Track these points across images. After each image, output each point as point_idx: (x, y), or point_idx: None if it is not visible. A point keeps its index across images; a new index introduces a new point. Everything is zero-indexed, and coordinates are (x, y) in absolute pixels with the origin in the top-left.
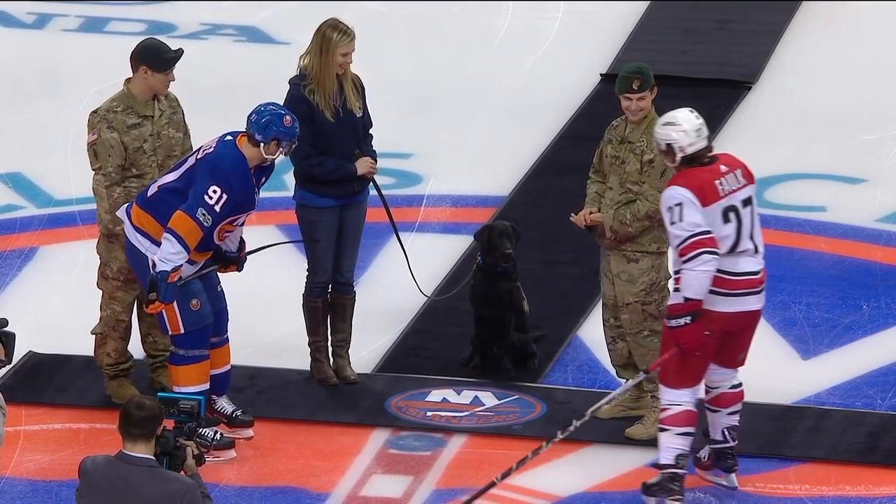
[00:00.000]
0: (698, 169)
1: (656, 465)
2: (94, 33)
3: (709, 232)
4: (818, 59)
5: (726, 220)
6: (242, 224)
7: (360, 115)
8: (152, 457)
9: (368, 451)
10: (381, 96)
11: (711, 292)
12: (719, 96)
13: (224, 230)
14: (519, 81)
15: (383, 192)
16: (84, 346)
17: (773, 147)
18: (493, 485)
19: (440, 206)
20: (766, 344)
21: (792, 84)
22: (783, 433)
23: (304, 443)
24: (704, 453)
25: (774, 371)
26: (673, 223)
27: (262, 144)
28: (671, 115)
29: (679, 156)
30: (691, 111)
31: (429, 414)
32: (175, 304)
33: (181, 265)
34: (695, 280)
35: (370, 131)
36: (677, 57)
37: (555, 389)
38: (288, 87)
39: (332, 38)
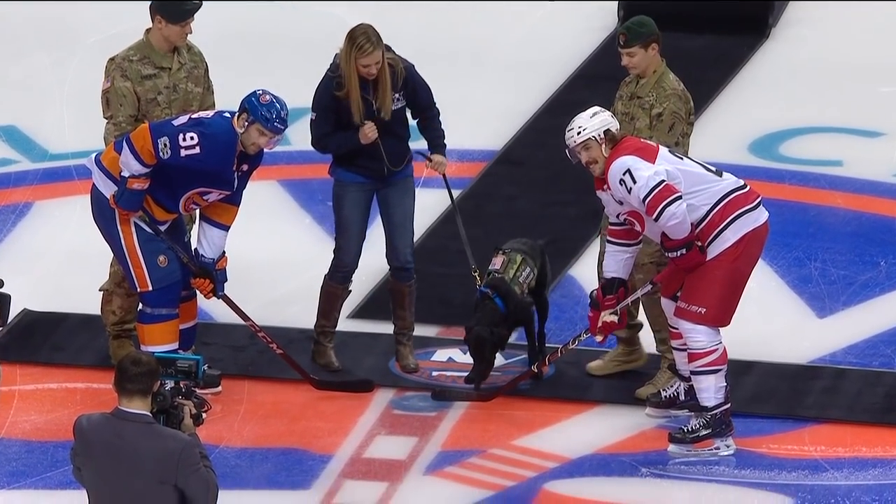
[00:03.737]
0: (621, 142)
1: (697, 408)
2: None
3: (662, 181)
4: (835, 9)
5: (678, 157)
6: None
7: (398, 106)
8: (149, 413)
9: (372, 411)
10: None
11: (746, 212)
12: (735, 41)
13: (192, 200)
14: (526, 35)
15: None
16: (80, 303)
17: (788, 100)
18: (533, 374)
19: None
20: (781, 302)
21: (808, 35)
22: (798, 393)
23: (307, 403)
24: (677, 392)
25: (789, 330)
26: (630, 190)
27: (236, 115)
28: (587, 111)
29: (618, 135)
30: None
31: (434, 374)
32: (142, 260)
33: (140, 177)
34: (671, 231)
35: (433, 111)
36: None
37: (550, 348)
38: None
39: (349, 50)
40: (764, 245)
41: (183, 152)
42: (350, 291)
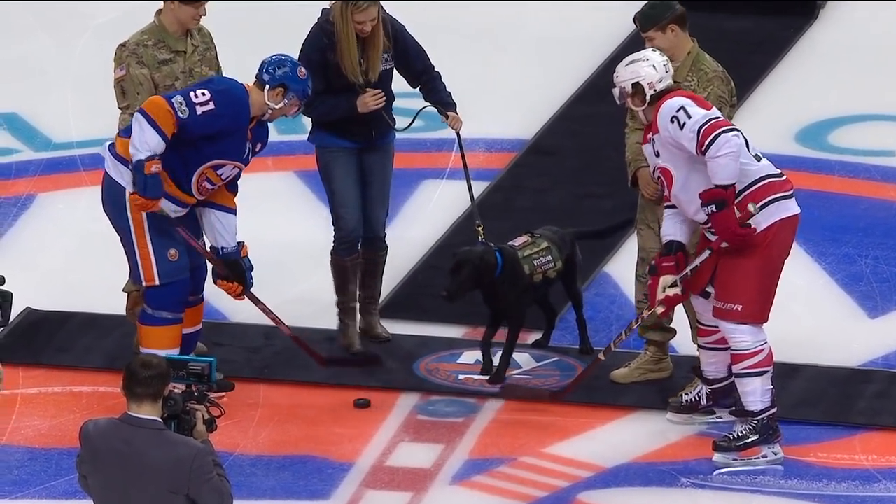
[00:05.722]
0: (673, 91)
1: (743, 413)
2: None
3: (719, 116)
4: None
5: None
6: (232, 179)
7: (387, 67)
8: (159, 419)
9: (395, 417)
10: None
11: (779, 198)
12: (781, 22)
13: (204, 175)
14: (558, 11)
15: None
16: (87, 302)
17: (838, 86)
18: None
19: (473, 150)
20: (830, 301)
21: (859, 16)
22: (848, 398)
23: (326, 408)
24: (699, 396)
25: (839, 331)
26: (683, 126)
27: (266, 87)
28: (635, 54)
29: (649, 94)
30: (653, 50)
31: (461, 377)
32: (152, 252)
33: (157, 156)
34: (719, 166)
35: (432, 73)
36: None
37: (597, 351)
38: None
39: (344, 6)
40: (796, 233)
41: (199, 109)
42: (361, 261)
